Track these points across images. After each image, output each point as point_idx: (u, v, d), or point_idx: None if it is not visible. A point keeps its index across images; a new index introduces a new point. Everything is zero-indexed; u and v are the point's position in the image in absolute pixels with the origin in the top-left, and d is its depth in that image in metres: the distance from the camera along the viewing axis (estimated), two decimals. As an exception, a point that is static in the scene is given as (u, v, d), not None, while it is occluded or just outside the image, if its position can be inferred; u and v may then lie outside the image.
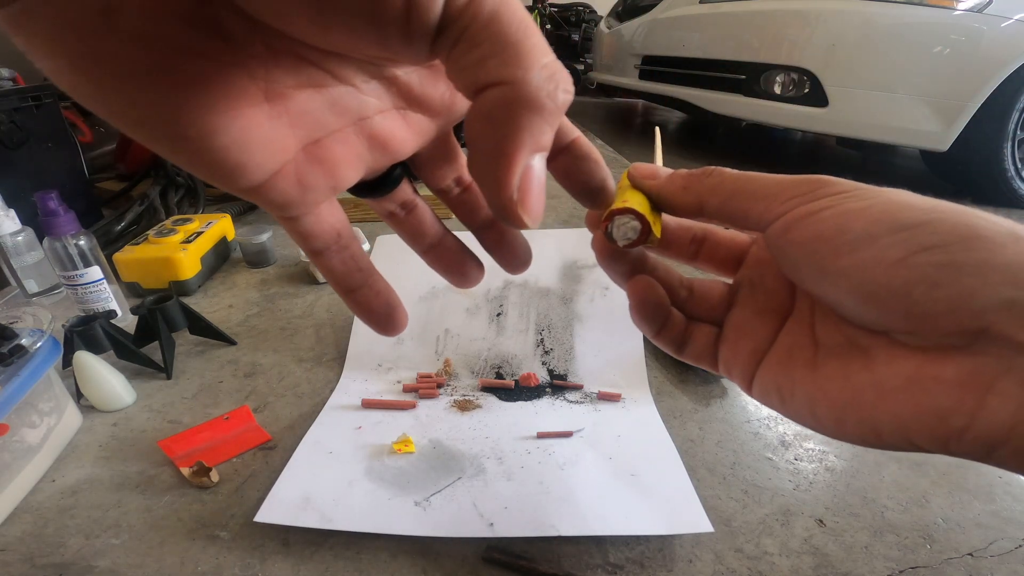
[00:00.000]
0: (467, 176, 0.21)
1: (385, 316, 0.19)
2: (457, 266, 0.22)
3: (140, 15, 0.11)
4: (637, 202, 0.20)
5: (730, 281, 0.23)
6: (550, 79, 0.12)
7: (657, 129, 0.29)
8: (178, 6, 0.11)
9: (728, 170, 0.19)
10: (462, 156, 0.20)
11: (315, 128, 0.14)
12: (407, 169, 0.20)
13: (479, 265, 0.22)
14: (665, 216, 0.22)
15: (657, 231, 0.20)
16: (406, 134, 0.17)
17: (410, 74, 0.16)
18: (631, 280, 0.22)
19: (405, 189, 0.20)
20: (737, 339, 0.21)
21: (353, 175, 0.16)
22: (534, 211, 0.13)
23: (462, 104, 0.18)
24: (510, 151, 0.12)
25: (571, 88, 0.13)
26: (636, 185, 0.21)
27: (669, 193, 0.20)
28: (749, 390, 0.21)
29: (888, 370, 0.16)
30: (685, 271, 0.23)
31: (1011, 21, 1.36)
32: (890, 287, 0.15)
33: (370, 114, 0.16)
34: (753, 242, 0.22)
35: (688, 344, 0.22)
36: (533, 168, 0.13)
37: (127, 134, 0.12)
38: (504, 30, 0.11)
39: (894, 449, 0.16)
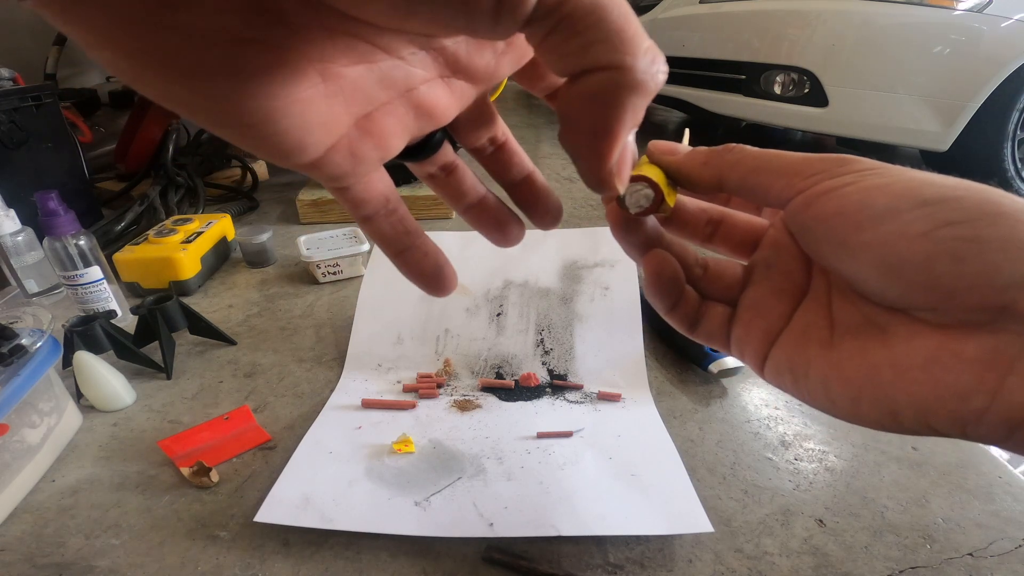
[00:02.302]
0: (500, 135, 0.21)
1: (434, 276, 0.20)
2: (498, 224, 0.22)
3: (199, 9, 0.10)
4: (653, 174, 0.20)
5: (745, 263, 0.23)
6: (653, 62, 0.13)
7: (687, 131, 0.30)
8: None
9: (748, 147, 0.20)
10: (497, 117, 0.21)
11: (367, 103, 0.15)
12: (447, 132, 0.20)
13: (520, 223, 0.22)
14: (681, 197, 0.23)
15: (671, 201, 0.20)
16: (449, 101, 0.17)
17: (459, 44, 0.16)
18: (647, 254, 0.22)
19: (446, 152, 0.20)
20: (751, 319, 0.21)
21: (400, 143, 0.16)
22: (626, 179, 0.16)
23: (505, 70, 0.18)
24: (616, 129, 0.13)
25: (666, 68, 0.14)
26: (655, 160, 0.21)
27: (689, 168, 0.20)
28: (761, 371, 0.20)
29: (907, 348, 0.16)
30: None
31: (1011, 21, 1.36)
32: (913, 260, 0.15)
33: (417, 84, 0.16)
34: (770, 225, 0.22)
35: (701, 322, 0.22)
36: (629, 143, 0.14)
37: (189, 119, 0.13)
38: (608, 17, 0.12)
39: (910, 432, 0.16)
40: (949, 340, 0.15)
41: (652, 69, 0.13)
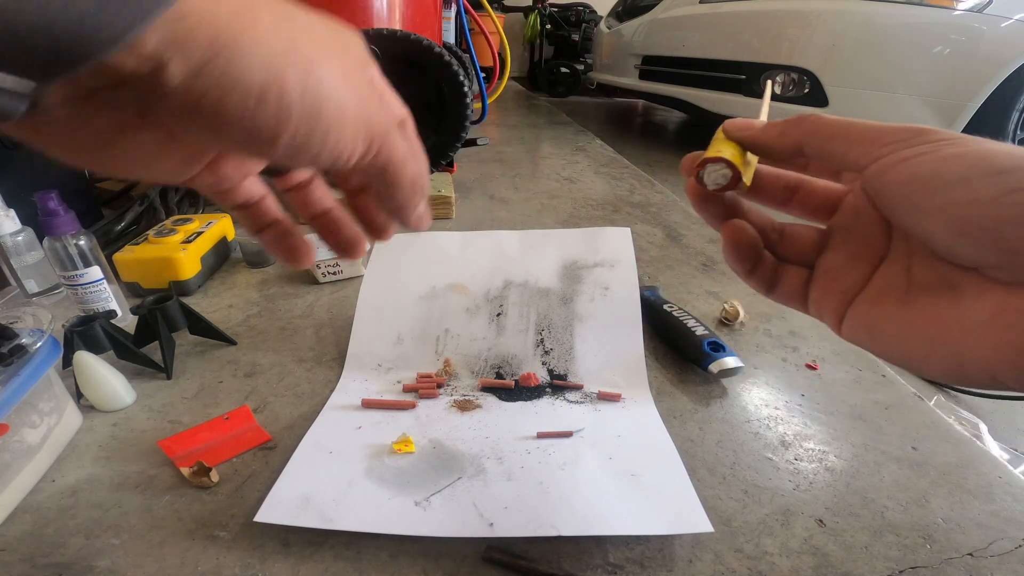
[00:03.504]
0: (306, 177, 0.26)
1: (287, 251, 0.25)
2: (333, 237, 0.26)
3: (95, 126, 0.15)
4: (730, 152, 0.21)
5: (823, 226, 0.24)
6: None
7: (769, 83, 0.32)
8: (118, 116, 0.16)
9: (825, 115, 0.21)
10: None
11: (206, 158, 0.20)
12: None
13: (360, 240, 0.26)
14: (759, 166, 0.24)
15: (748, 179, 0.22)
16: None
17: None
18: (726, 224, 0.23)
19: (290, 177, 0.25)
20: (829, 281, 0.22)
21: (242, 174, 0.22)
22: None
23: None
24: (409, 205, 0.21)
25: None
26: (731, 137, 0.22)
27: (766, 139, 0.22)
28: (838, 329, 0.22)
29: (976, 304, 0.17)
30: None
31: (1011, 21, 1.36)
32: (981, 223, 0.16)
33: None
34: (849, 191, 0.23)
35: (779, 284, 0.23)
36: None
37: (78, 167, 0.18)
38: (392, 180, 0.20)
39: (978, 386, 0.17)
40: (1015, 297, 0.16)
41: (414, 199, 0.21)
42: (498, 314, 0.58)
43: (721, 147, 0.22)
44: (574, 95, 3.75)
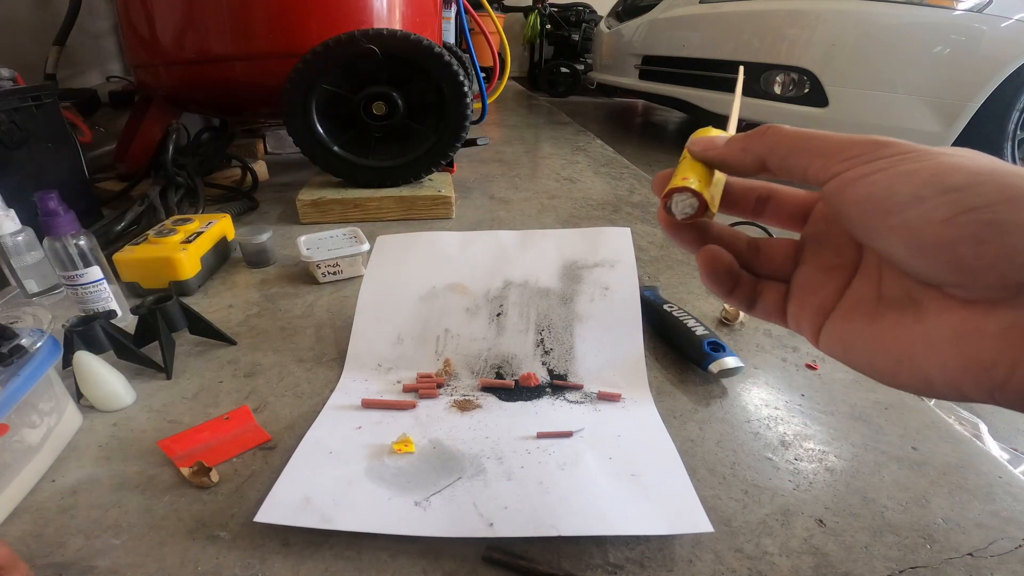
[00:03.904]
0: None
1: None
2: None
3: None
4: (697, 175, 0.21)
5: (796, 236, 0.24)
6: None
7: (741, 69, 0.31)
8: None
9: (784, 127, 0.21)
10: None
11: None
12: None
13: None
14: (730, 178, 0.24)
15: (714, 207, 0.22)
16: None
17: None
18: (700, 251, 0.23)
19: None
20: (804, 296, 0.22)
21: None
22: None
23: None
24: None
25: None
26: (696, 158, 0.23)
27: (730, 158, 0.22)
28: (816, 343, 0.22)
29: (938, 322, 0.17)
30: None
31: (1011, 21, 1.36)
32: (937, 243, 0.16)
33: None
34: (819, 198, 0.23)
35: (758, 301, 0.24)
36: None
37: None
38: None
39: (946, 398, 0.17)
40: (974, 315, 0.16)
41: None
42: (498, 314, 0.58)
43: (687, 171, 0.22)
44: (574, 95, 3.74)
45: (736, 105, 0.29)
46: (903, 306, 0.19)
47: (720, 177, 0.23)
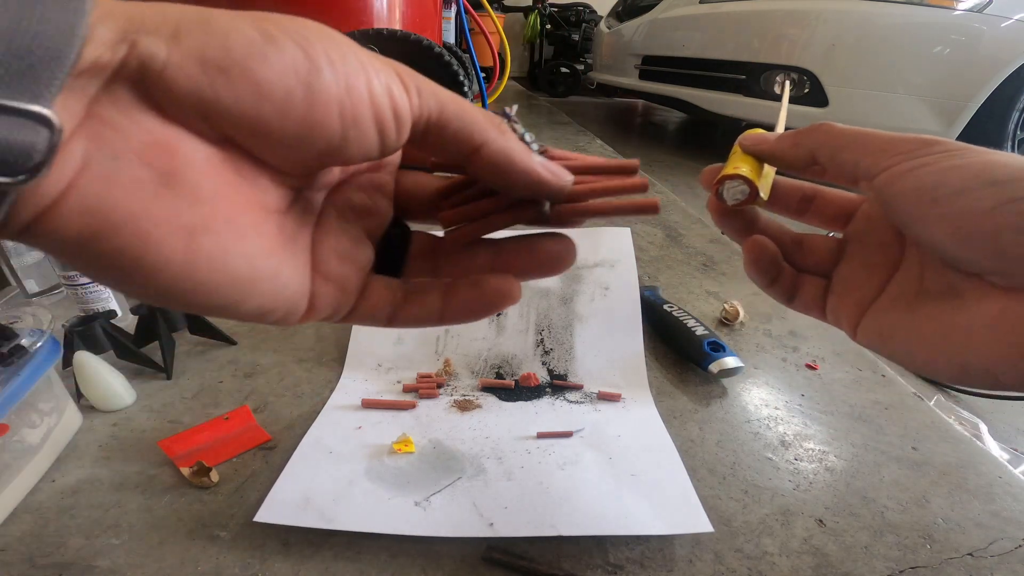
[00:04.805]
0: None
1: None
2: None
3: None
4: (747, 167, 0.22)
5: (839, 235, 0.25)
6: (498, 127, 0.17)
7: (787, 83, 0.32)
8: None
9: (838, 124, 0.21)
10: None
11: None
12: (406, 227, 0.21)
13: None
14: (777, 176, 0.24)
15: (765, 193, 0.22)
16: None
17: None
18: (748, 240, 0.24)
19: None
20: (845, 291, 0.23)
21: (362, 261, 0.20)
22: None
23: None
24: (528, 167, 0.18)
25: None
26: (747, 151, 0.23)
27: (781, 151, 0.22)
28: (854, 335, 0.23)
29: (978, 309, 0.18)
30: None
31: (1011, 21, 1.36)
32: (981, 231, 0.17)
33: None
34: (865, 200, 0.24)
35: (798, 295, 0.24)
36: (535, 154, 0.18)
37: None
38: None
39: (981, 387, 0.18)
40: (1013, 302, 0.17)
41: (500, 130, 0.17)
42: (498, 314, 0.58)
43: (738, 162, 0.22)
44: (574, 95, 3.75)
45: (783, 113, 0.30)
46: (944, 296, 0.19)
47: (769, 170, 0.24)
